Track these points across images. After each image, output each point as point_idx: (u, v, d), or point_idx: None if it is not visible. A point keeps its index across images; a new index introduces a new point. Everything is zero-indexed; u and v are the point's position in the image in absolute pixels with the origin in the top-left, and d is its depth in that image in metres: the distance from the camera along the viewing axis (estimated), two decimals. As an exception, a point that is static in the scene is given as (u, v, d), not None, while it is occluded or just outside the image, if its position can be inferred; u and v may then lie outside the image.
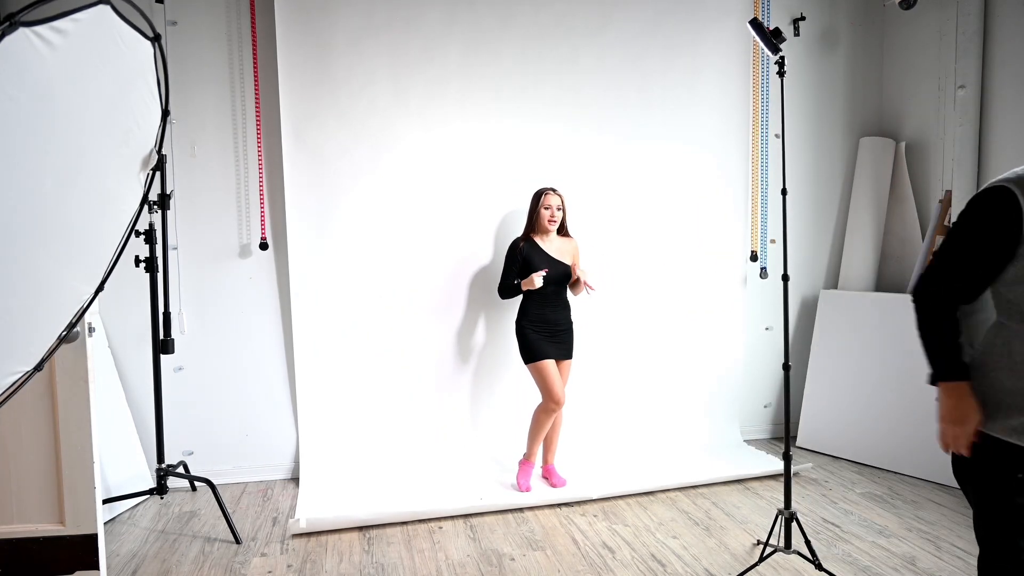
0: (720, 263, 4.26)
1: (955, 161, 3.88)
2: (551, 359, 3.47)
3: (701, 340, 4.24)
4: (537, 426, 3.52)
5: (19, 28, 1.54)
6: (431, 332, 3.87)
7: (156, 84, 2.39)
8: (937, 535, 3.05)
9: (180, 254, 3.65)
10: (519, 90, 3.89)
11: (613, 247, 4.05)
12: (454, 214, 3.85)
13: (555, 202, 3.51)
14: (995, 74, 3.77)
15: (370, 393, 3.82)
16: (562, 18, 3.91)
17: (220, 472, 3.69)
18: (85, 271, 2.13)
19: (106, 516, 3.15)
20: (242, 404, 3.78)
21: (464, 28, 3.79)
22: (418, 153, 3.79)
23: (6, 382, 1.82)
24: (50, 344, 1.98)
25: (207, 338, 3.71)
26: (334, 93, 3.67)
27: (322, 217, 3.71)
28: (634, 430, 4.10)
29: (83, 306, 2.12)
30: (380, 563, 2.85)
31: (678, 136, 4.13)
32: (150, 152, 2.46)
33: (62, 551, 2.52)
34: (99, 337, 3.48)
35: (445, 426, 3.92)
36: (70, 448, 2.50)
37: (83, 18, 1.79)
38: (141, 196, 2.50)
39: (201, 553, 2.94)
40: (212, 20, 3.62)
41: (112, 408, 3.44)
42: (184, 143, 3.62)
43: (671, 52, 4.07)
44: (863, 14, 4.44)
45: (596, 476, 3.66)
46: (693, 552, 2.92)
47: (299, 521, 3.10)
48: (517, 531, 3.14)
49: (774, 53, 2.76)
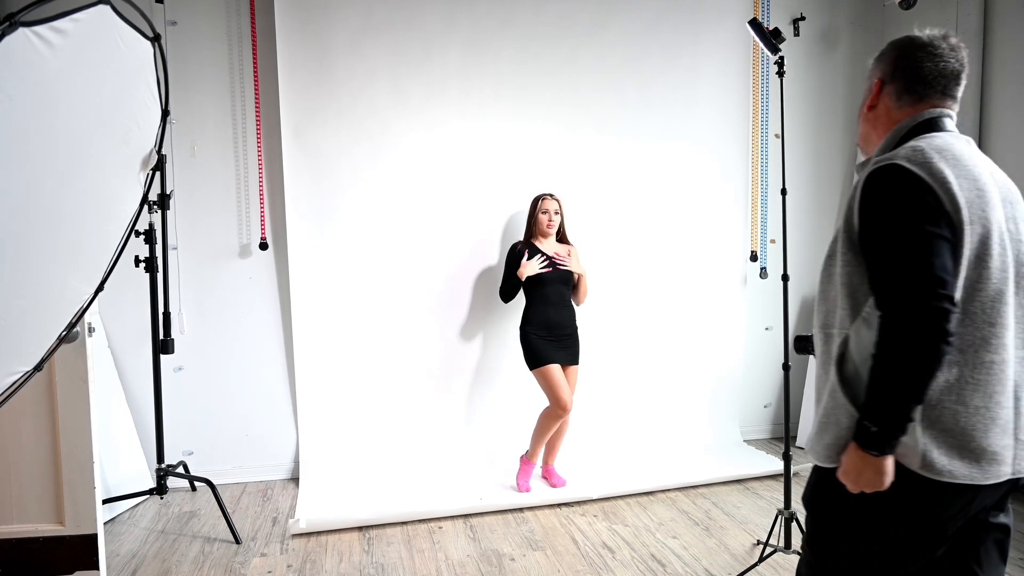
0: (720, 263, 4.26)
1: (955, 161, 3.87)
2: (556, 364, 3.46)
3: (701, 340, 4.24)
4: (542, 429, 3.51)
5: (19, 28, 1.54)
6: (431, 332, 3.87)
7: (156, 84, 2.39)
8: (937, 535, 3.05)
9: (180, 254, 3.64)
10: (519, 90, 3.89)
11: (613, 247, 4.05)
12: (454, 214, 3.85)
13: (552, 207, 3.52)
14: (995, 74, 3.77)
15: (370, 393, 3.82)
16: (562, 18, 3.91)
17: (220, 472, 3.69)
18: (85, 271, 2.13)
19: (106, 516, 3.15)
20: (242, 404, 3.78)
21: (464, 28, 3.79)
22: (418, 153, 3.79)
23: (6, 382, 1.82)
24: (50, 344, 1.98)
25: (207, 338, 3.71)
26: (334, 93, 3.67)
27: (322, 217, 3.71)
28: (634, 430, 4.10)
29: (83, 306, 2.12)
30: (380, 563, 2.85)
31: (678, 136, 4.12)
32: (150, 152, 2.46)
33: (62, 551, 2.52)
34: (99, 337, 3.48)
35: (445, 426, 3.92)
36: (70, 448, 2.50)
37: (83, 18, 1.79)
38: (141, 196, 2.50)
39: (201, 553, 2.94)
40: (212, 20, 3.62)
41: (112, 408, 3.44)
42: (184, 143, 3.62)
43: (671, 52, 4.07)
44: (863, 14, 4.44)
45: (596, 476, 3.66)
46: (693, 552, 2.92)
47: (299, 521, 3.10)
48: (517, 531, 3.14)
49: (773, 53, 2.76)
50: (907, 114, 1.41)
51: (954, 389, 1.28)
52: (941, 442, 1.27)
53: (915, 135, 1.37)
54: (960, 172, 1.28)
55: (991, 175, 1.35)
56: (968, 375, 1.28)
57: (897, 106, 1.42)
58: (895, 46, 1.44)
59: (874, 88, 1.46)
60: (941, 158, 1.28)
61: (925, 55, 1.38)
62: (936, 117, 1.38)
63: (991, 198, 1.30)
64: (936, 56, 1.38)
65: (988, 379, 1.29)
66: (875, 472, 1.27)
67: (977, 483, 1.28)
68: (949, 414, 1.28)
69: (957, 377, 1.28)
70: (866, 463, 1.27)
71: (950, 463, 1.26)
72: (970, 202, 1.27)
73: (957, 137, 1.37)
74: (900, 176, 1.27)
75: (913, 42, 1.41)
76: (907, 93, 1.40)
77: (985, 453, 1.28)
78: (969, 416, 1.28)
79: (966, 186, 1.27)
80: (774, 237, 4.38)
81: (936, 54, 1.38)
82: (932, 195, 1.25)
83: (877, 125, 1.46)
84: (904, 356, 1.21)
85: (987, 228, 1.28)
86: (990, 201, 1.29)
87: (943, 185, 1.25)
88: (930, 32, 1.41)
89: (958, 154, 1.31)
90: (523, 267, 3.45)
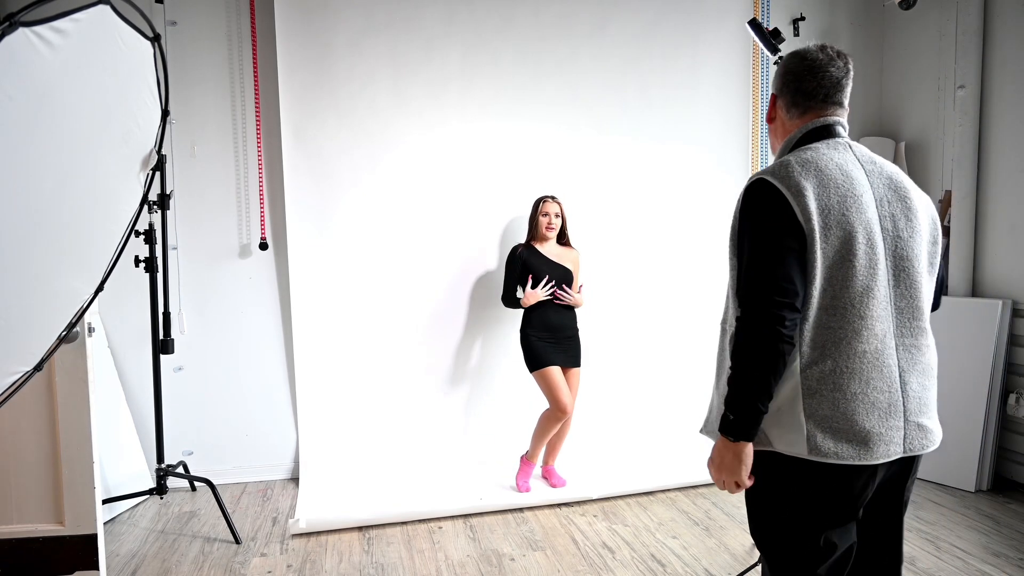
0: (720, 264, 4.25)
1: (955, 161, 3.87)
2: (556, 366, 3.46)
3: (701, 340, 4.23)
4: (542, 430, 3.51)
5: (19, 28, 1.54)
6: (431, 332, 3.87)
7: (156, 84, 2.40)
8: (936, 535, 3.05)
9: (180, 254, 3.64)
10: (519, 90, 3.89)
11: (613, 248, 4.05)
12: (454, 214, 3.85)
13: (553, 209, 3.52)
14: (995, 74, 3.77)
15: (370, 393, 3.82)
16: (562, 18, 3.91)
17: (220, 472, 3.69)
18: (85, 271, 2.13)
19: (106, 516, 3.15)
20: (242, 404, 3.78)
21: (464, 28, 3.79)
22: (418, 153, 3.79)
23: (6, 382, 1.82)
24: (50, 344, 1.98)
25: (207, 338, 3.71)
26: (334, 93, 3.67)
27: (322, 217, 3.71)
28: (634, 430, 4.10)
29: (83, 306, 2.12)
30: (380, 563, 2.85)
31: (678, 137, 4.12)
32: (150, 152, 2.46)
33: (62, 551, 2.52)
34: (99, 337, 3.48)
35: (445, 426, 3.92)
36: (70, 448, 2.50)
37: (83, 18, 1.79)
38: (141, 196, 2.50)
39: (201, 553, 2.94)
40: (212, 20, 3.62)
41: (112, 408, 3.44)
42: (184, 143, 3.62)
43: (671, 53, 4.07)
44: (863, 14, 4.44)
45: (596, 476, 3.66)
46: (693, 552, 2.92)
47: (299, 521, 3.10)
48: (517, 531, 3.14)
49: (773, 53, 2.76)
50: (796, 125, 1.56)
51: (830, 378, 1.40)
52: (825, 427, 1.40)
53: (805, 143, 1.52)
54: (822, 181, 1.41)
55: (867, 176, 1.46)
56: (843, 364, 1.40)
57: (788, 118, 1.57)
58: (784, 63, 1.58)
59: (771, 102, 1.62)
60: (804, 171, 1.42)
61: (805, 70, 1.52)
62: (821, 126, 1.52)
63: (859, 202, 1.42)
64: (816, 69, 1.51)
65: (862, 367, 1.41)
66: (734, 456, 1.44)
67: (865, 463, 1.40)
68: (828, 402, 1.40)
69: (832, 368, 1.40)
70: (727, 448, 1.44)
71: (836, 446, 1.39)
72: (828, 209, 1.39)
73: (836, 144, 1.49)
74: (763, 190, 1.42)
75: (796, 58, 1.55)
76: (794, 106, 1.55)
77: (870, 435, 1.40)
78: (848, 402, 1.40)
79: (827, 195, 1.40)
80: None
81: (815, 67, 1.51)
82: (787, 208, 1.38)
83: (776, 135, 1.63)
84: (749, 353, 1.39)
85: (849, 231, 1.40)
86: (858, 205, 1.42)
87: (798, 198, 1.38)
88: (812, 46, 1.55)
89: (823, 166, 1.43)
90: (528, 296, 3.46)
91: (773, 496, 1.50)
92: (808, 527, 1.46)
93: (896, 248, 1.44)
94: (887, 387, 1.42)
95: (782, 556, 1.51)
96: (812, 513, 1.45)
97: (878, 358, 1.42)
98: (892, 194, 1.47)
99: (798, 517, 1.46)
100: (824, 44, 1.54)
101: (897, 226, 1.45)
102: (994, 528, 3.12)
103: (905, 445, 1.44)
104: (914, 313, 1.46)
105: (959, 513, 3.28)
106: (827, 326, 1.40)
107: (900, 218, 1.46)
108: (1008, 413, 3.58)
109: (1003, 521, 3.19)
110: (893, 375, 1.43)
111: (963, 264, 3.85)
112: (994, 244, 3.80)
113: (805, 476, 1.43)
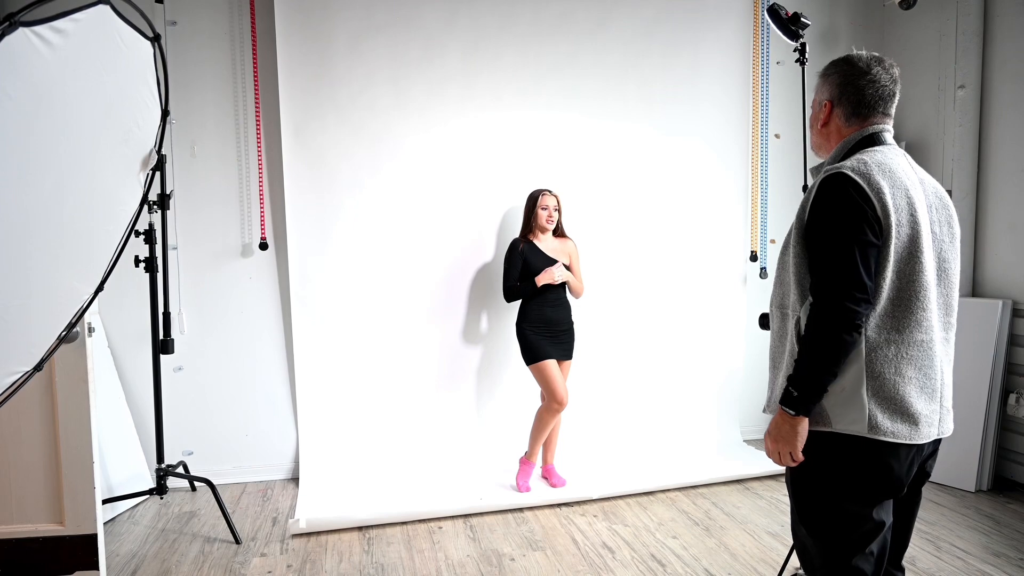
0: (720, 263, 4.26)
1: (955, 161, 3.88)
2: (553, 359, 3.47)
3: (701, 340, 4.24)
4: (540, 426, 3.52)
5: (19, 28, 1.54)
6: (431, 332, 3.87)
7: (156, 84, 2.39)
8: (937, 535, 3.05)
9: (180, 254, 3.64)
10: (519, 90, 3.89)
11: (613, 246, 4.05)
12: (455, 214, 3.85)
13: (552, 203, 3.52)
14: (995, 74, 3.77)
15: (370, 393, 3.82)
16: (562, 18, 3.91)
17: (220, 472, 3.69)
18: (85, 271, 2.13)
19: (106, 516, 3.15)
20: (242, 404, 3.78)
21: (464, 28, 3.79)
22: (418, 153, 3.79)
23: (6, 382, 1.82)
24: (50, 344, 1.98)
25: (207, 338, 3.71)
26: (334, 93, 3.67)
27: (322, 217, 3.71)
28: (634, 430, 4.10)
29: (83, 306, 2.12)
30: (380, 563, 2.85)
31: (678, 135, 4.12)
32: (150, 152, 2.46)
33: (62, 551, 2.52)
34: (99, 337, 3.48)
35: (445, 426, 3.92)
36: (70, 448, 2.50)
37: (83, 18, 1.79)
38: (141, 196, 2.50)
39: (201, 553, 2.94)
40: (212, 20, 3.62)
41: (112, 408, 3.44)
42: (184, 143, 3.62)
43: (671, 51, 4.07)
44: (863, 14, 4.44)
45: (596, 476, 3.66)
46: (693, 552, 2.92)
47: (299, 521, 3.10)
48: (517, 531, 3.14)
49: (793, 40, 2.69)
50: (853, 130, 1.67)
51: (893, 363, 1.54)
52: (884, 408, 1.53)
53: (860, 148, 1.64)
54: (894, 183, 1.53)
55: (920, 183, 1.61)
56: (904, 351, 1.54)
57: (846, 124, 1.68)
58: (840, 72, 1.68)
59: (825, 109, 1.71)
60: (880, 171, 1.53)
61: (866, 83, 1.64)
62: (877, 132, 1.65)
63: (919, 205, 1.55)
64: (875, 82, 1.63)
65: (920, 354, 1.55)
66: (791, 429, 1.56)
67: (914, 442, 1.55)
68: (890, 384, 1.54)
69: (895, 354, 1.54)
70: (785, 420, 1.57)
71: (892, 425, 1.53)
72: (900, 208, 1.52)
73: (894, 150, 1.63)
74: (846, 184, 1.52)
75: (855, 69, 1.65)
76: (854, 116, 1.66)
77: (920, 417, 1.55)
78: (905, 385, 1.54)
79: (898, 195, 1.53)
80: (774, 237, 4.38)
81: (875, 80, 1.63)
82: (869, 203, 1.50)
83: (830, 138, 1.73)
84: (821, 340, 1.51)
85: (916, 230, 1.53)
86: (920, 207, 1.55)
87: (878, 195, 1.50)
88: (867, 57, 1.65)
89: (893, 168, 1.56)
90: (543, 275, 3.43)
91: (827, 475, 1.59)
92: (860, 504, 1.56)
93: (940, 251, 1.60)
94: (935, 374, 1.57)
95: (834, 537, 1.59)
96: (865, 490, 1.56)
97: (930, 347, 1.56)
98: (938, 201, 1.63)
99: (851, 495, 1.56)
100: (879, 56, 1.65)
101: (942, 231, 1.61)
102: (994, 528, 3.12)
103: (939, 427, 1.60)
104: (948, 310, 1.62)
105: (959, 513, 3.28)
106: (893, 315, 1.53)
107: (944, 224, 1.62)
108: (1008, 413, 3.58)
109: (1003, 521, 3.20)
110: (937, 364, 1.58)
111: (963, 264, 3.85)
112: (994, 244, 3.80)
113: (861, 454, 1.54)
